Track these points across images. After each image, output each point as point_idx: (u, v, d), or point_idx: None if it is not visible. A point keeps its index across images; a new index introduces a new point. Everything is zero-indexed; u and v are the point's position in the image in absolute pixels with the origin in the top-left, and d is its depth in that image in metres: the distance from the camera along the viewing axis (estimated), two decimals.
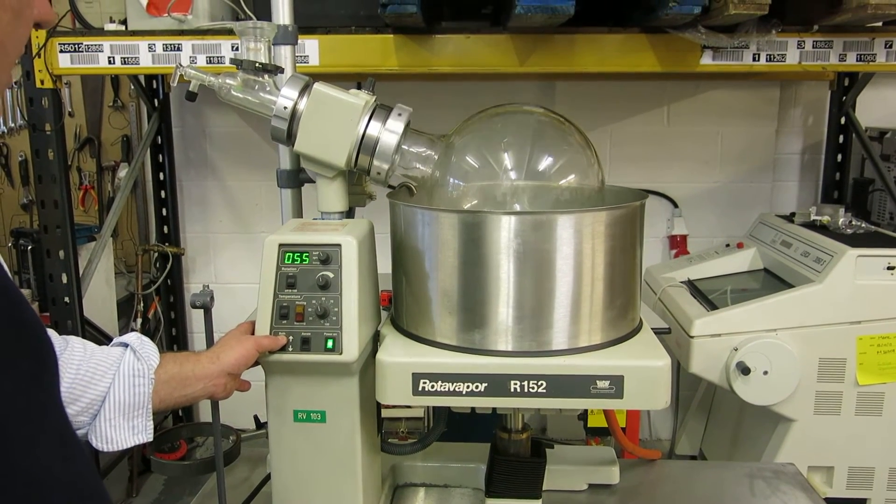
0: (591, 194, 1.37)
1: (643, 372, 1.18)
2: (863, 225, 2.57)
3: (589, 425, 2.92)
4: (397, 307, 1.36)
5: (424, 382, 1.20)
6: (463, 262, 1.21)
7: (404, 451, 1.50)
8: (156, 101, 3.18)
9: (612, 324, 1.25)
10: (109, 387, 1.08)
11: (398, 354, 1.24)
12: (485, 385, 1.19)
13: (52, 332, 0.95)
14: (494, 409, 1.31)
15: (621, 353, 1.23)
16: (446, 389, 1.20)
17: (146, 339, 1.16)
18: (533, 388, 1.18)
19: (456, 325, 1.23)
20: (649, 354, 1.22)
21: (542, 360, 1.19)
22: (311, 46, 2.20)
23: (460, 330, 1.23)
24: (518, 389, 1.19)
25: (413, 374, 1.20)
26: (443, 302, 1.24)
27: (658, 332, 2.14)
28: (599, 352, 1.22)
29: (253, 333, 1.23)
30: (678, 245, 3.24)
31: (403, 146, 1.32)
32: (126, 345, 1.13)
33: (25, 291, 2.74)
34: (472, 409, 1.27)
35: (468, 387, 1.19)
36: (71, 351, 1.08)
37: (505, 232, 1.17)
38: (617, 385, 1.17)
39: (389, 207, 1.33)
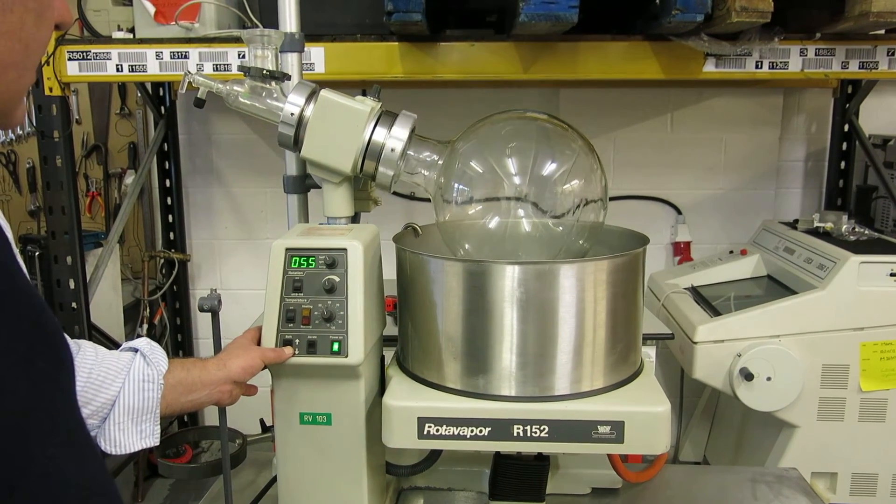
0: (595, 200, 1.39)
1: (643, 417, 1.20)
2: (866, 232, 2.58)
3: None
4: (403, 348, 1.37)
5: (429, 426, 1.21)
6: (467, 310, 1.23)
7: (401, 473, 1.50)
8: (162, 108, 3.20)
9: (614, 368, 1.26)
10: (119, 391, 1.10)
11: (404, 398, 1.25)
12: (488, 429, 1.21)
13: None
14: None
15: (622, 398, 1.24)
16: (451, 433, 1.21)
17: (155, 345, 1.17)
18: (535, 432, 1.20)
19: (460, 370, 1.24)
20: (650, 400, 1.23)
21: (545, 405, 1.21)
22: (317, 54, 2.22)
23: (465, 375, 1.24)
24: (521, 434, 1.20)
25: (418, 418, 1.21)
26: (447, 347, 1.25)
27: (661, 337, 2.15)
28: (601, 396, 1.23)
29: (259, 339, 1.25)
30: (682, 251, 3.24)
31: (409, 152, 1.33)
32: (136, 349, 1.15)
33: None
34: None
35: (472, 431, 1.21)
36: (83, 355, 1.09)
37: (508, 281, 1.19)
38: (618, 430, 1.19)
39: (396, 252, 1.34)
